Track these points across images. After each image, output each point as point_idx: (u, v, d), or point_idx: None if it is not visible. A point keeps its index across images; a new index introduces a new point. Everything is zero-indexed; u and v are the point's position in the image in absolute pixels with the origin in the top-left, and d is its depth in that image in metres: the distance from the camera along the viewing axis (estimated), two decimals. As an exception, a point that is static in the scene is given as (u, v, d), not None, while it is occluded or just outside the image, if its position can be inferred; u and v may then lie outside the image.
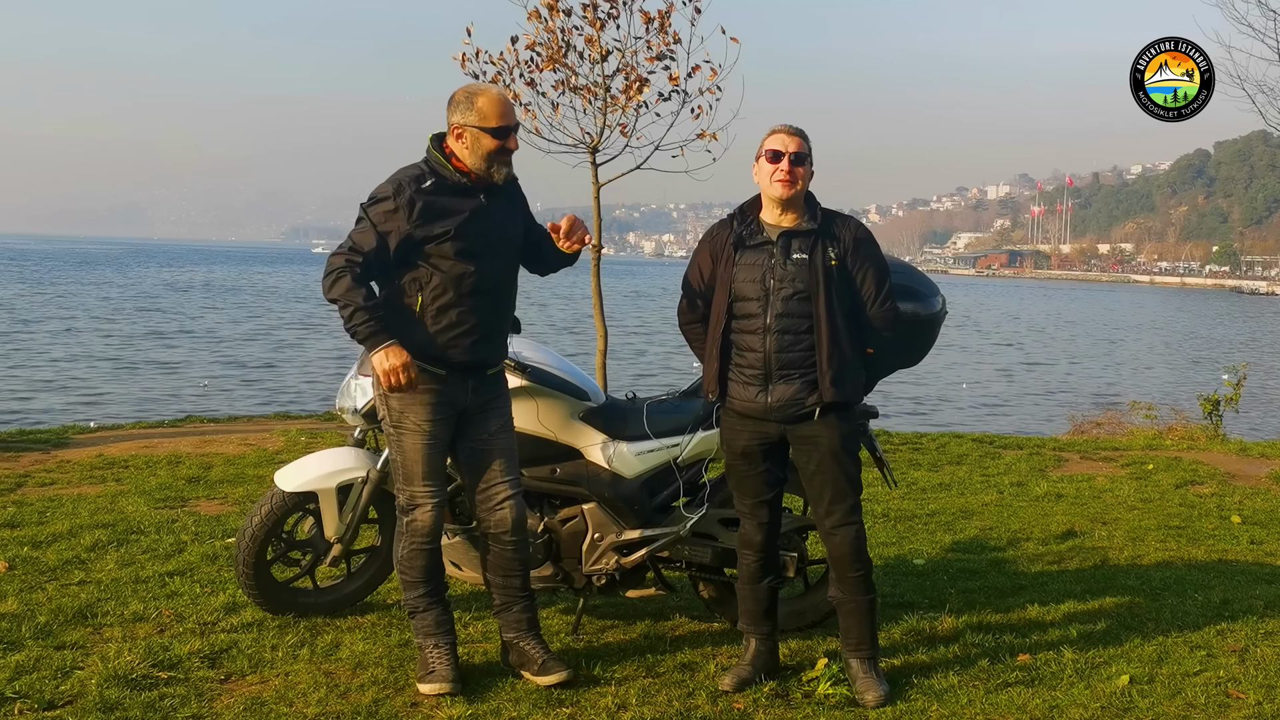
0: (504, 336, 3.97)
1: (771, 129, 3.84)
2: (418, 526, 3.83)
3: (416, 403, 3.76)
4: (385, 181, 3.77)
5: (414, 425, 3.78)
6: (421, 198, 3.69)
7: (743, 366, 3.81)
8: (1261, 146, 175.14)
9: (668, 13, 8.02)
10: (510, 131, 3.77)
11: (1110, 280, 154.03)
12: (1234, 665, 4.18)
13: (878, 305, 3.81)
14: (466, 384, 3.83)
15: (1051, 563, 5.71)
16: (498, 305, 3.86)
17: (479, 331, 3.78)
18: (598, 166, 8.42)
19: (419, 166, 3.79)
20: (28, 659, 3.86)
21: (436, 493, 3.84)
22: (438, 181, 3.74)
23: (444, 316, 3.73)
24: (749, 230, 3.82)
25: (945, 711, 3.70)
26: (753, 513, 3.96)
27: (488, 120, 3.72)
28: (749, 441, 3.87)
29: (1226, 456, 9.42)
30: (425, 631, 3.86)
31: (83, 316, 34.19)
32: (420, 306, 3.73)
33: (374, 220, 3.70)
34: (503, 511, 3.88)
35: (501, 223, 3.83)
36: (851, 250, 3.79)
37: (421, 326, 3.73)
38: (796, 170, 3.74)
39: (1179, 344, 43.00)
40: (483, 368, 3.86)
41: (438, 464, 3.83)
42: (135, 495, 6.57)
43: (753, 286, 3.76)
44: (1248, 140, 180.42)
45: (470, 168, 3.76)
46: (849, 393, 3.76)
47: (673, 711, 3.63)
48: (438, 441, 3.81)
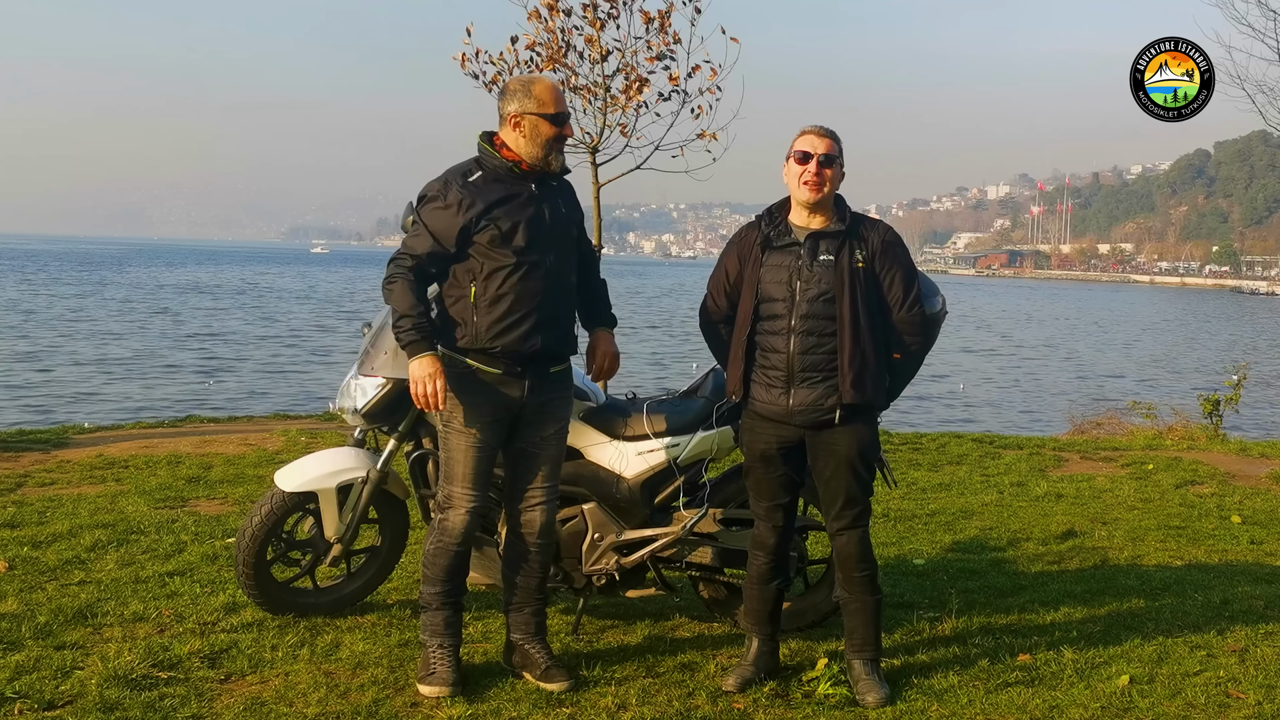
0: (566, 331, 3.91)
1: (802, 130, 3.80)
2: (448, 526, 3.82)
3: (466, 404, 3.75)
4: (432, 180, 3.79)
5: (460, 427, 3.77)
6: (469, 190, 3.71)
7: (766, 368, 3.80)
8: (1261, 146, 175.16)
9: (668, 13, 8.02)
10: (566, 118, 3.81)
11: (1110, 280, 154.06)
12: (1234, 665, 4.18)
13: (905, 309, 3.78)
14: (523, 383, 3.79)
15: (1051, 563, 5.71)
16: (554, 296, 3.80)
17: (534, 320, 3.73)
18: (598, 166, 8.42)
19: (468, 162, 3.81)
20: (28, 659, 3.86)
21: (475, 498, 3.81)
22: (485, 173, 3.75)
23: (498, 305, 3.70)
24: (777, 231, 3.81)
25: (945, 711, 3.70)
26: (768, 515, 3.95)
27: (546, 107, 3.74)
28: (768, 444, 3.86)
29: (1226, 456, 9.43)
30: (433, 630, 3.85)
31: (138, 316, 34.31)
32: (474, 297, 3.72)
33: (425, 220, 3.72)
34: (533, 513, 3.89)
35: (555, 213, 3.82)
36: (880, 253, 3.76)
37: (477, 318, 3.71)
38: (825, 172, 3.71)
39: (1179, 344, 42.98)
40: (541, 362, 3.82)
41: (481, 469, 3.80)
42: (135, 495, 6.56)
43: (779, 288, 3.75)
44: (1248, 140, 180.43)
45: (523, 156, 3.77)
46: (869, 395, 3.73)
47: (673, 711, 3.62)
48: (484, 446, 3.79)
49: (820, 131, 3.77)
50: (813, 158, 3.71)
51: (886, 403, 3.89)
